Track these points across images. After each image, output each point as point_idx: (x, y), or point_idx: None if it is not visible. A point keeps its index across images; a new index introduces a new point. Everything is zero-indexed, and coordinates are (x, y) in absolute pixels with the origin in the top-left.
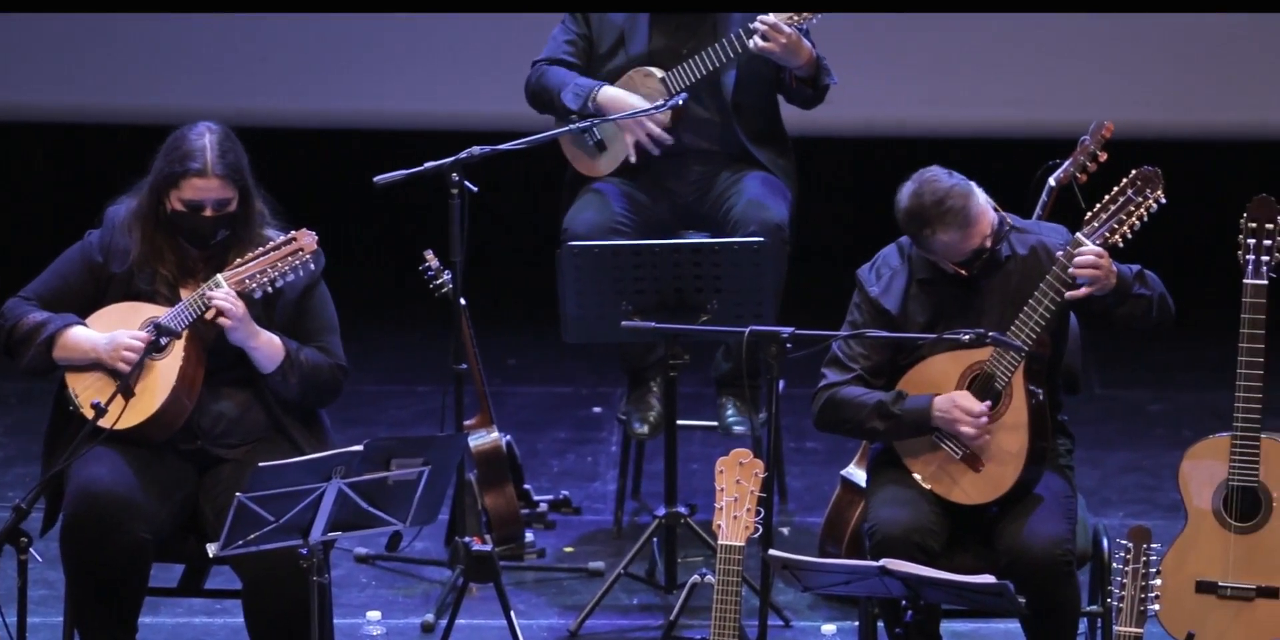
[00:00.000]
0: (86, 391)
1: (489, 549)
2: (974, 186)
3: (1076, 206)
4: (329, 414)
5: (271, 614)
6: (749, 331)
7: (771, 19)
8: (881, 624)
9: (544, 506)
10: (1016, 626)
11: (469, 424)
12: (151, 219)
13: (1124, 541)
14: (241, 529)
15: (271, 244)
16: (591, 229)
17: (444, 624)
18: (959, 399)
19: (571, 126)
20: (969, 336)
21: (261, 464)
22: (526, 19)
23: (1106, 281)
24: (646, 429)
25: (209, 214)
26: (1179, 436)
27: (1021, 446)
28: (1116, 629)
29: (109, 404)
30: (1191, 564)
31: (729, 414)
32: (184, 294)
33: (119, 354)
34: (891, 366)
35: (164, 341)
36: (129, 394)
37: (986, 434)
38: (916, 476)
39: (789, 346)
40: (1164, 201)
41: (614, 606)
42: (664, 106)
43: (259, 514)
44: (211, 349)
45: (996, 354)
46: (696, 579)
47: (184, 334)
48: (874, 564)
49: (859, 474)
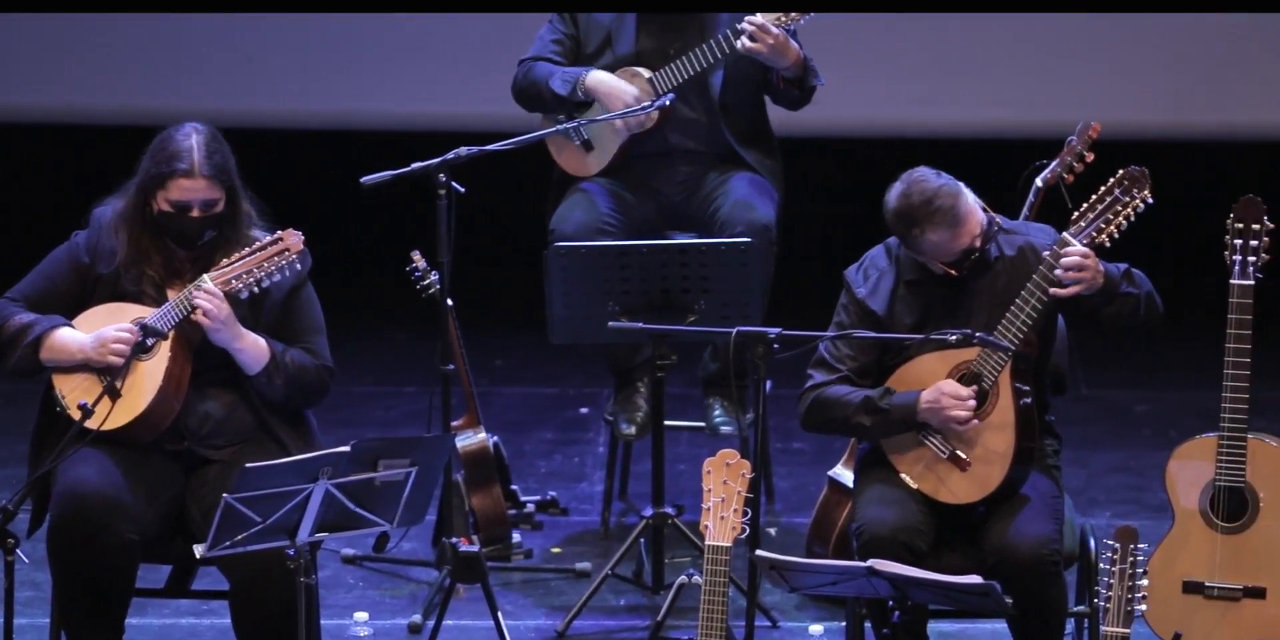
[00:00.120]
0: (73, 392)
1: (476, 550)
2: (962, 186)
3: (1063, 207)
4: (316, 415)
5: (259, 615)
6: (736, 332)
7: (759, 20)
8: (869, 624)
9: (531, 507)
10: (1004, 627)
11: (456, 425)
12: (138, 220)
13: (1111, 542)
14: (228, 530)
15: (258, 244)
16: (578, 229)
17: (431, 625)
18: (944, 386)
19: (559, 127)
20: (955, 337)
21: (248, 465)
22: (514, 19)
23: (1094, 281)
24: (634, 429)
25: (196, 215)
26: (1166, 437)
27: (1008, 446)
28: (1103, 629)
29: (96, 405)
30: (1178, 564)
31: (716, 414)
32: (171, 295)
33: (107, 349)
34: (879, 367)
35: (150, 342)
36: (116, 395)
37: (976, 419)
38: (904, 476)
39: (776, 347)
40: (1151, 201)
41: (601, 607)
42: (651, 107)
43: (246, 515)
44: (198, 350)
45: (983, 354)
46: (684, 580)
47: (170, 335)
48: (861, 564)
49: (846, 474)
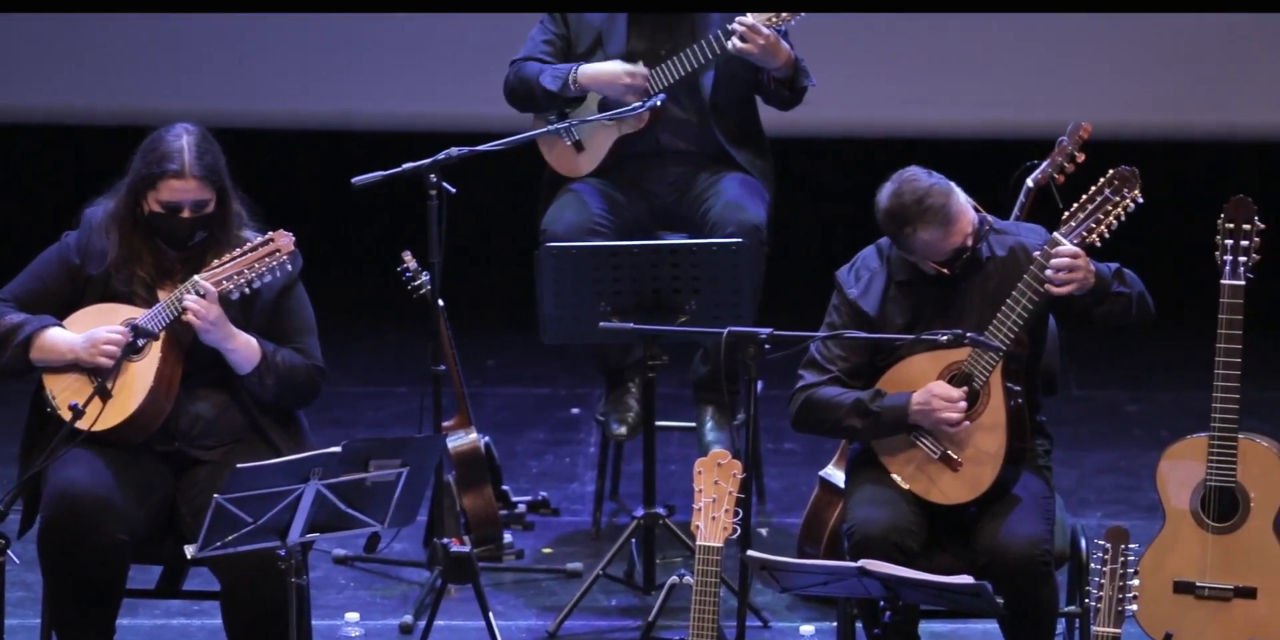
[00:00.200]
0: (64, 393)
1: (467, 550)
2: (953, 186)
3: (1054, 207)
4: (307, 415)
5: (250, 615)
6: (727, 332)
7: (750, 20)
8: (860, 625)
9: (522, 507)
10: (995, 627)
11: (447, 425)
12: (129, 220)
13: (1102, 542)
14: (219, 530)
15: (249, 245)
16: (570, 230)
17: (422, 625)
18: (934, 388)
19: (550, 127)
20: (946, 337)
21: (239, 465)
22: (513, 20)
23: (1085, 281)
24: (625, 430)
25: (186, 215)
26: (1157, 437)
27: (1000, 446)
28: (1094, 629)
29: (86, 405)
30: (1169, 564)
31: (708, 430)
32: (161, 295)
33: (98, 349)
34: (870, 368)
35: (141, 343)
36: (106, 395)
37: (967, 421)
38: (895, 476)
39: (767, 347)
40: (1141, 201)
41: (592, 607)
42: (642, 107)
43: (237, 515)
44: (189, 350)
45: (974, 354)
46: (675, 580)
47: (161, 335)
48: (852, 565)
49: (837, 475)
